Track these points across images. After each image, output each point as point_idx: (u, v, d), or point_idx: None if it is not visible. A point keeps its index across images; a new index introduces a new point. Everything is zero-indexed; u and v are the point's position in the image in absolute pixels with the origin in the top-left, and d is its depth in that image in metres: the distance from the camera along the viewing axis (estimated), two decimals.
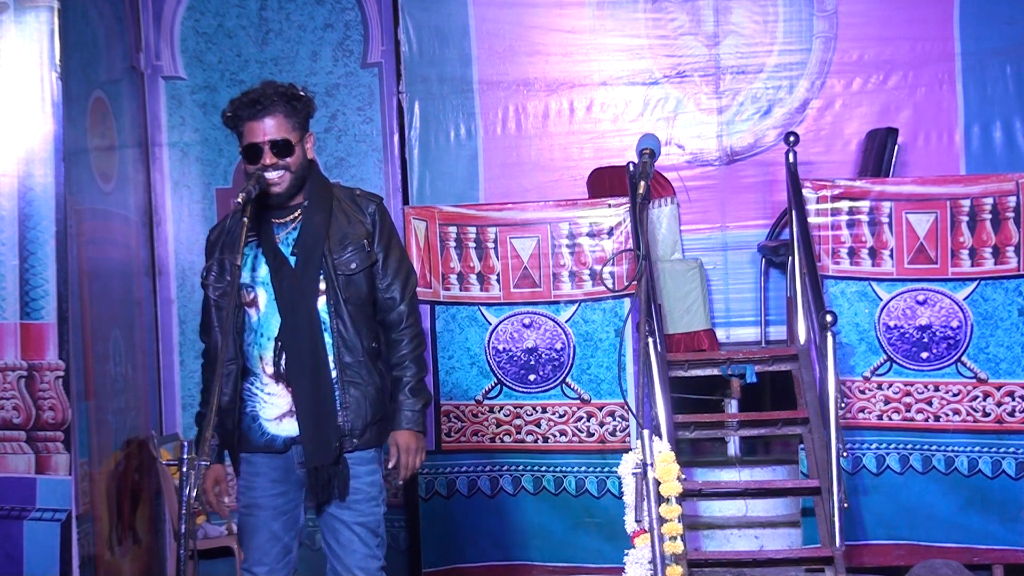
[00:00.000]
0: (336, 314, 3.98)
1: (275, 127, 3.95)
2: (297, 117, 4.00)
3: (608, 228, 6.13)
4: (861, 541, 5.91)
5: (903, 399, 5.99)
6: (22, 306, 5.67)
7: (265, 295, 4.00)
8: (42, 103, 5.72)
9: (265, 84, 4.02)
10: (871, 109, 7.03)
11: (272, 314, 3.99)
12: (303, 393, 3.96)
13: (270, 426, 4.02)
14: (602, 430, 6.07)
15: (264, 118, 3.94)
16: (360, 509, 4.02)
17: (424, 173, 7.11)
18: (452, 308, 6.16)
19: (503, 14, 7.17)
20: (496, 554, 6.12)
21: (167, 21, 7.06)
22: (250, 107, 3.95)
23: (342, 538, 4.03)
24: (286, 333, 3.97)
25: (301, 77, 7.01)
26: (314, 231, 3.99)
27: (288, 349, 3.96)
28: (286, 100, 3.98)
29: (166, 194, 7.05)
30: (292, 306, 3.96)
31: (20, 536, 5.61)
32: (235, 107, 4.01)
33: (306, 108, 4.04)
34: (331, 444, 3.95)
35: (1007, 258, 5.98)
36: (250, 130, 3.97)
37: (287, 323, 3.96)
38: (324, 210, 4.03)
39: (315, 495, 4.01)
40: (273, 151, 3.95)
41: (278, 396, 4.01)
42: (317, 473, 3.97)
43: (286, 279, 3.97)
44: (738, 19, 7.11)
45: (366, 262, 4.02)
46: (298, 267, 3.98)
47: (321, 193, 4.07)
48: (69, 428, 5.63)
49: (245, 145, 3.98)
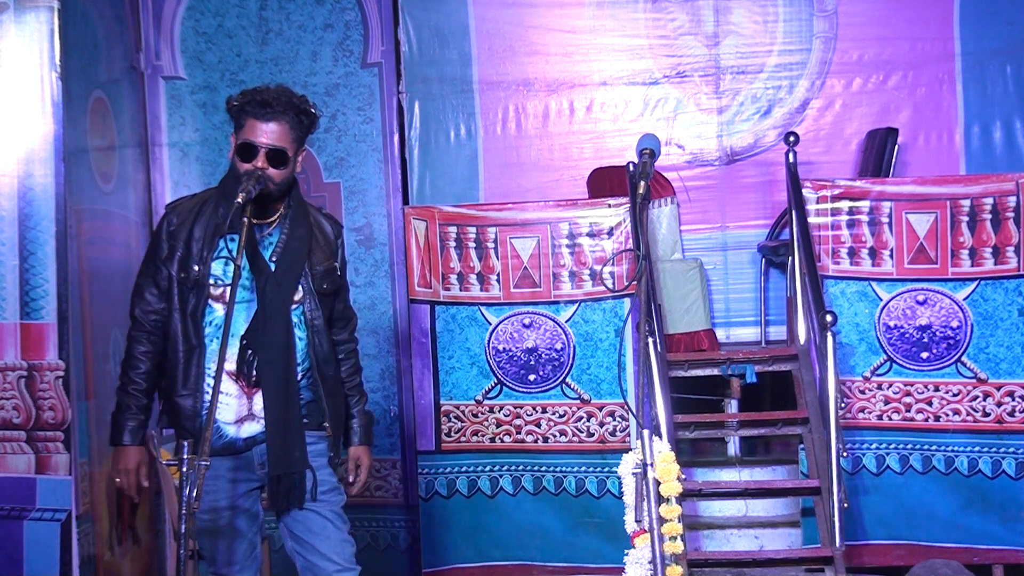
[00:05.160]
0: (308, 324, 4.06)
1: (278, 134, 3.98)
2: (300, 130, 4.04)
3: (608, 228, 6.13)
4: (861, 541, 5.91)
5: (903, 399, 5.99)
6: (22, 306, 5.66)
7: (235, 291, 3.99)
8: (42, 103, 5.71)
9: (280, 89, 4.04)
10: (871, 109, 7.03)
11: (240, 312, 3.99)
12: (274, 397, 3.97)
13: (229, 429, 4.02)
14: (602, 430, 6.07)
15: (270, 121, 3.97)
16: (327, 498, 4.07)
17: (424, 173, 7.11)
18: (452, 308, 6.16)
19: (503, 14, 7.17)
20: (496, 554, 6.12)
21: (167, 21, 7.06)
22: (261, 106, 3.97)
23: (315, 526, 4.04)
24: (259, 335, 3.97)
25: (301, 77, 7.01)
26: (298, 243, 4.06)
27: (261, 352, 3.97)
28: (296, 112, 4.01)
29: (166, 194, 7.04)
30: (272, 311, 3.98)
31: (20, 536, 5.61)
32: (245, 100, 4.02)
33: (311, 125, 4.09)
34: (296, 451, 3.99)
35: (1007, 258, 5.98)
36: (252, 127, 3.98)
37: (263, 326, 3.97)
38: (306, 224, 4.11)
39: (276, 502, 4.02)
40: (268, 157, 3.97)
41: (233, 396, 4.00)
42: (280, 481, 3.99)
43: (270, 282, 3.99)
44: (738, 19, 7.12)
45: (334, 285, 4.17)
46: (278, 274, 4.01)
47: (301, 206, 4.14)
48: (69, 428, 5.63)
49: (243, 140, 3.99)
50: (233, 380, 4.00)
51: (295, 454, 3.99)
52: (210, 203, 4.07)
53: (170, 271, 4.00)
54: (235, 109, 4.03)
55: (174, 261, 4.01)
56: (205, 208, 4.05)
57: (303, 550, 4.08)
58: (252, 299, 4.02)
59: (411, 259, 6.18)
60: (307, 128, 4.07)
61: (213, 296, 4.00)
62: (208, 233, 3.99)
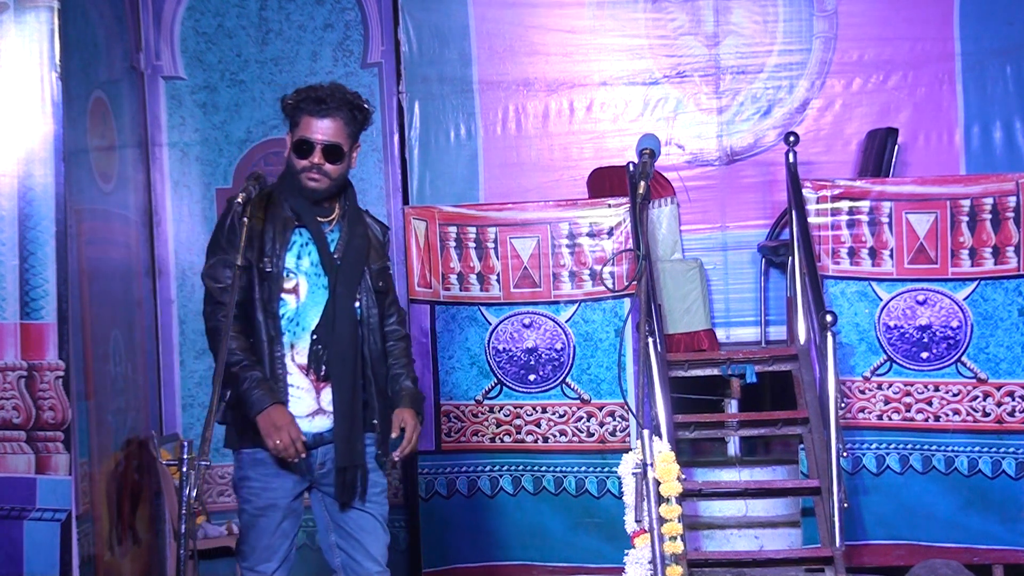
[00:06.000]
0: (365, 322, 4.12)
1: (333, 130, 4.04)
2: (354, 126, 4.09)
3: (608, 228, 6.13)
4: (861, 541, 5.91)
5: (903, 399, 5.99)
6: (22, 306, 5.67)
7: (306, 285, 4.05)
8: (42, 103, 5.71)
9: (334, 86, 4.10)
10: (871, 109, 7.03)
11: (311, 305, 4.06)
12: (343, 391, 4.03)
13: (302, 423, 4.03)
14: (602, 430, 6.07)
15: (325, 118, 4.03)
16: (379, 500, 4.15)
17: (424, 173, 7.11)
18: (452, 308, 6.16)
19: (503, 14, 7.17)
20: (496, 554, 6.12)
21: (167, 21, 7.06)
22: (316, 104, 4.03)
23: (367, 525, 4.11)
24: (329, 330, 4.03)
25: (301, 77, 7.01)
26: (359, 241, 4.14)
27: (331, 345, 4.03)
28: (350, 108, 4.07)
29: (166, 194, 7.04)
30: (341, 306, 4.05)
31: (20, 536, 5.61)
32: (299, 98, 4.07)
33: (364, 120, 4.14)
34: (360, 445, 4.05)
35: (1007, 258, 5.98)
36: (308, 125, 4.03)
37: (333, 321, 4.04)
38: (362, 223, 4.20)
39: (341, 494, 4.06)
40: (324, 153, 4.03)
41: (303, 390, 4.04)
42: (345, 473, 4.04)
43: (340, 279, 4.06)
44: (738, 19, 7.12)
45: (387, 284, 4.24)
46: (344, 270, 4.08)
47: (355, 204, 4.22)
48: (69, 428, 5.63)
49: (299, 138, 4.04)
50: (304, 374, 4.05)
51: (359, 447, 4.06)
52: (273, 198, 4.10)
53: (249, 258, 4.01)
54: (290, 107, 4.08)
55: (252, 249, 4.03)
56: (269, 203, 4.09)
57: (349, 547, 4.14)
58: (321, 295, 4.07)
59: (411, 259, 6.18)
60: (361, 123, 4.12)
61: (285, 289, 4.04)
62: (278, 228, 4.04)
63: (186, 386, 6.98)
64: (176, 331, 7.03)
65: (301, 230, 4.07)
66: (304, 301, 4.05)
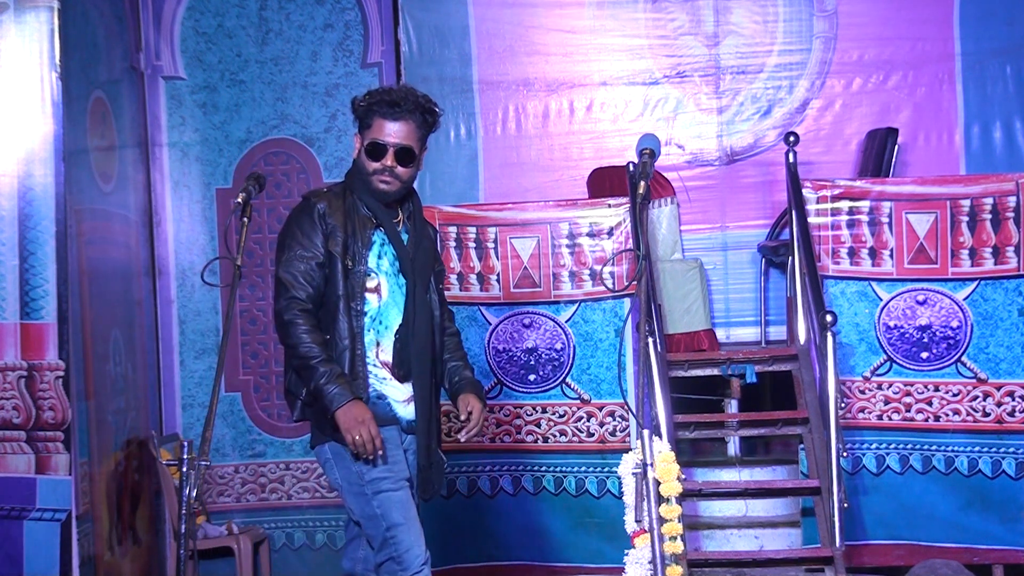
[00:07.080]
0: (436, 320, 4.22)
1: (406, 133, 4.06)
2: (425, 129, 4.12)
3: (608, 228, 6.13)
4: (861, 541, 5.91)
5: (903, 399, 5.99)
6: (22, 306, 5.67)
7: (387, 284, 4.10)
8: (42, 103, 5.72)
9: (407, 90, 4.13)
10: (871, 109, 7.04)
11: (392, 305, 4.11)
12: (423, 388, 4.10)
13: (398, 407, 4.10)
14: (602, 430, 6.07)
15: (398, 121, 4.05)
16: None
17: (424, 173, 7.08)
18: (452, 308, 6.15)
19: (503, 14, 7.17)
20: (496, 554, 6.12)
21: (167, 21, 7.05)
22: (390, 107, 4.05)
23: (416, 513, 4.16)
24: (410, 328, 4.09)
25: (301, 77, 7.01)
26: (428, 243, 4.22)
27: (412, 345, 4.09)
28: (422, 112, 4.09)
29: (166, 194, 7.04)
30: (420, 306, 4.12)
31: (20, 536, 5.61)
32: (372, 100, 4.09)
33: (434, 123, 4.17)
34: (435, 442, 4.14)
35: (1007, 258, 5.98)
36: (380, 127, 4.05)
37: (414, 320, 4.10)
38: (428, 224, 4.28)
39: (424, 491, 4.14)
40: (397, 155, 4.05)
41: (391, 382, 4.10)
42: (428, 469, 4.11)
43: (418, 278, 4.12)
44: (738, 19, 7.12)
45: (439, 282, 4.29)
46: (418, 270, 4.13)
47: (420, 206, 4.27)
48: (69, 428, 5.63)
49: (372, 140, 4.05)
50: (389, 371, 4.09)
51: (434, 444, 4.14)
52: (349, 197, 4.12)
53: (333, 252, 4.03)
54: (362, 109, 4.10)
55: (338, 244, 4.05)
56: (346, 202, 4.11)
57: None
58: (399, 295, 4.12)
59: None
60: (431, 127, 4.15)
61: (368, 288, 4.08)
62: (359, 227, 4.07)
63: (186, 386, 6.98)
64: (176, 331, 7.03)
65: (378, 230, 4.10)
66: (386, 300, 4.10)
